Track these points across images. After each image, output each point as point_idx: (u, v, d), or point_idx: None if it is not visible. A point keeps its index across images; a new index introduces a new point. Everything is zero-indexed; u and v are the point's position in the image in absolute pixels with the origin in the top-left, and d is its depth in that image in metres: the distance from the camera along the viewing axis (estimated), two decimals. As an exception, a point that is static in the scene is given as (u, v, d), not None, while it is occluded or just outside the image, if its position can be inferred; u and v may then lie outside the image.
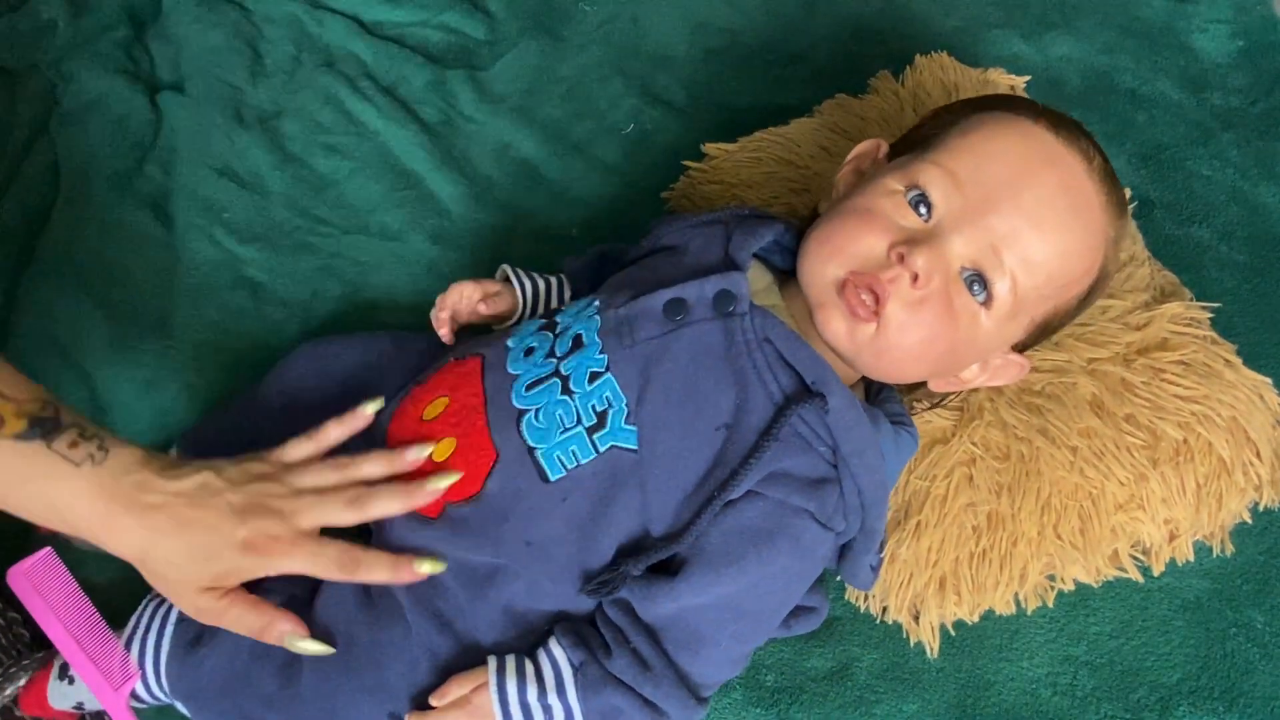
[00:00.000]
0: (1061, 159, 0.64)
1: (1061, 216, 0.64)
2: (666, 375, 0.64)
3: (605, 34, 1.11)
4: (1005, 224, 0.63)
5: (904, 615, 0.78)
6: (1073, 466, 0.77)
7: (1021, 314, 0.66)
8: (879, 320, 0.63)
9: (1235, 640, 0.80)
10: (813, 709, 0.76)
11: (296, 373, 0.77)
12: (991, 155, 0.64)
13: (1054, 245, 0.64)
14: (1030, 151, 0.64)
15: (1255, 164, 1.06)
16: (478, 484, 0.64)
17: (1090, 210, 0.65)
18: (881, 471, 0.65)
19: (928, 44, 1.03)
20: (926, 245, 0.62)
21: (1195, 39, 1.14)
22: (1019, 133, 0.65)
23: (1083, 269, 0.66)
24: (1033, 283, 0.64)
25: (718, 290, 0.66)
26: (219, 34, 1.05)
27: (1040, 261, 0.63)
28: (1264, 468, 0.80)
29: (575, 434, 0.64)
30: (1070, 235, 0.64)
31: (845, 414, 0.63)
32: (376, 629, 0.66)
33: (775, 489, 0.63)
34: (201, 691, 0.68)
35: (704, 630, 0.63)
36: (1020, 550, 0.77)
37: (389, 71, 1.06)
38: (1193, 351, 0.81)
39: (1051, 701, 0.78)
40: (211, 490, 0.59)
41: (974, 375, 0.69)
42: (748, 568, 0.62)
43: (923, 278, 0.62)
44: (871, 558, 0.69)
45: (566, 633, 0.66)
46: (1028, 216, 0.63)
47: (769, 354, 0.64)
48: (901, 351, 0.64)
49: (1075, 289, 0.67)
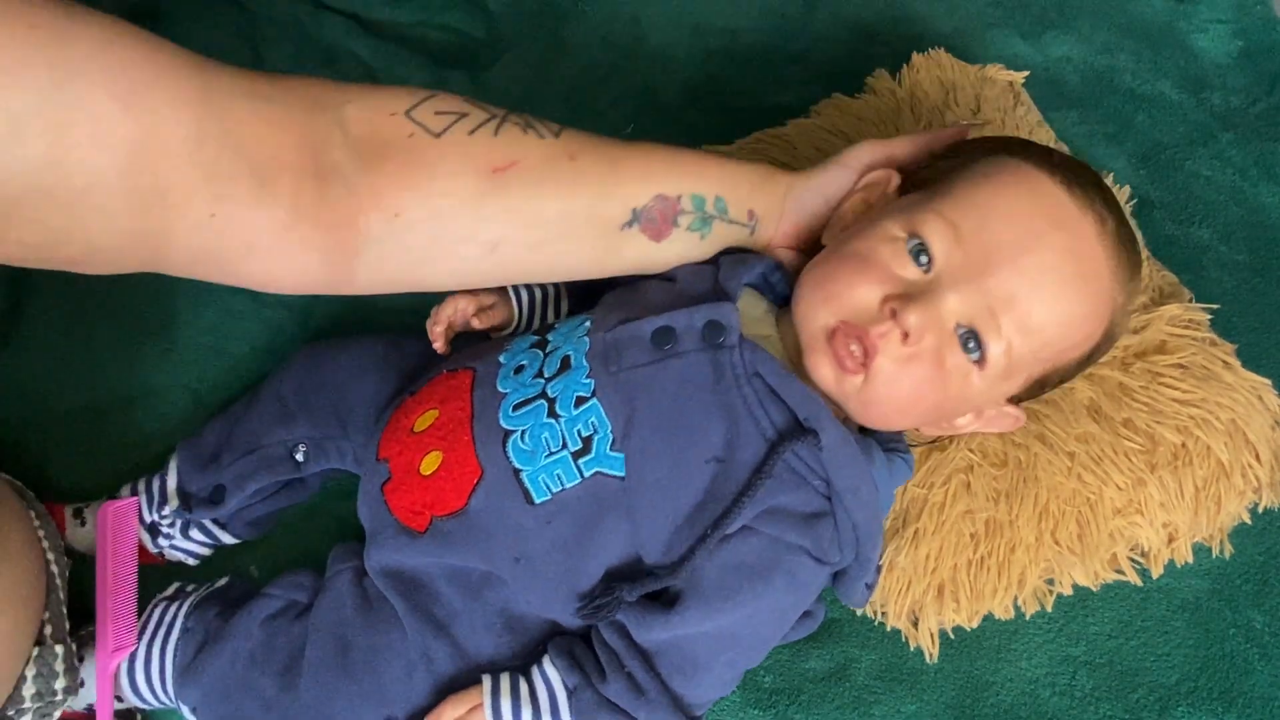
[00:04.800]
0: (1071, 222, 0.61)
1: (1065, 284, 0.61)
2: (653, 405, 0.63)
3: (605, 34, 1.11)
4: (1004, 287, 0.60)
5: (903, 621, 0.78)
6: (1070, 472, 0.77)
7: (1017, 374, 0.64)
8: (867, 373, 0.61)
9: (1234, 641, 0.81)
10: (811, 709, 0.76)
11: (293, 379, 0.77)
12: (997, 212, 0.62)
13: (1054, 313, 0.61)
14: (1039, 211, 0.61)
15: (1255, 164, 1.06)
16: (462, 500, 0.64)
17: (1098, 278, 0.62)
18: (875, 504, 0.64)
19: (927, 44, 1.03)
20: (921, 302, 0.60)
21: (1195, 39, 1.14)
22: (1029, 190, 0.62)
23: (1084, 335, 0.64)
24: (1029, 347, 0.62)
25: (706, 320, 0.64)
26: (219, 34, 1.05)
27: (1038, 328, 0.61)
28: (1263, 470, 0.80)
29: (561, 458, 0.63)
30: (1073, 304, 0.62)
31: (838, 451, 0.62)
32: (373, 634, 0.66)
33: (770, 525, 0.62)
34: (204, 695, 0.68)
35: (699, 657, 0.63)
36: (1019, 556, 0.77)
37: (389, 71, 1.06)
38: (1191, 354, 0.81)
39: (1050, 702, 0.78)
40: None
41: (967, 423, 0.68)
42: (743, 603, 0.62)
43: (914, 335, 0.60)
44: (868, 577, 0.68)
45: (561, 653, 0.66)
46: (1029, 282, 0.60)
47: (759, 388, 0.63)
48: (888, 404, 0.63)
49: (1075, 352, 0.65)
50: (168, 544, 0.77)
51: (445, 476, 0.65)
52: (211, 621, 0.70)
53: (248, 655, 0.67)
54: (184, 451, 0.77)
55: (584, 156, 0.64)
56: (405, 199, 0.59)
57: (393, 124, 0.60)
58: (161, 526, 0.77)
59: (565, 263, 0.66)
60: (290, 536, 0.81)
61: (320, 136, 0.57)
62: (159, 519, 0.76)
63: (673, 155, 0.67)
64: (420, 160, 0.59)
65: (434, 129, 0.60)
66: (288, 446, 0.75)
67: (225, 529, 0.77)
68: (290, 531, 0.81)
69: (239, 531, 0.78)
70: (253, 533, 0.79)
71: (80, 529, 0.76)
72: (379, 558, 0.68)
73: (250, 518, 0.78)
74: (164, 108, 0.51)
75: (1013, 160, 0.64)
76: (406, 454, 0.67)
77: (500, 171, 0.61)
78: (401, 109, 0.60)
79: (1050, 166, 0.63)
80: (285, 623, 0.69)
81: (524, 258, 0.64)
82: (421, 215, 0.60)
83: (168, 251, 0.54)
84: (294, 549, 0.80)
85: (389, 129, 0.59)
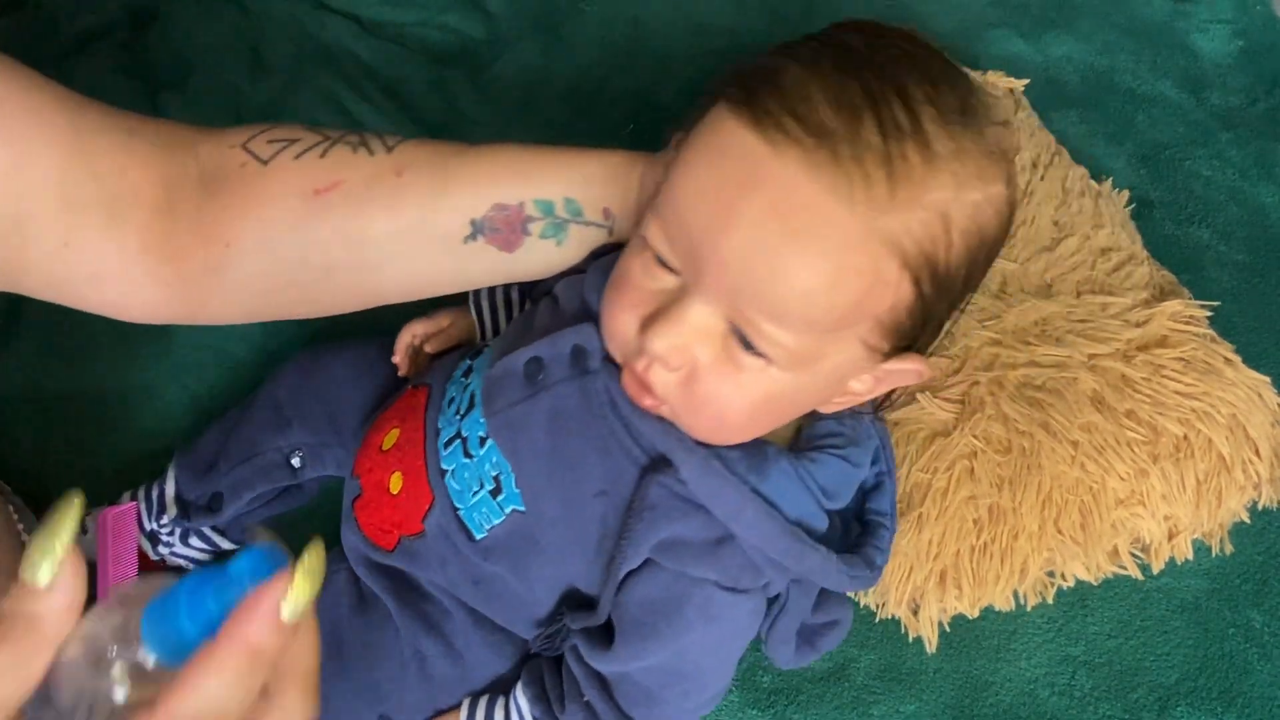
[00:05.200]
0: (767, 173, 0.46)
1: (781, 253, 0.46)
2: (532, 445, 0.59)
3: (605, 34, 1.11)
4: (723, 281, 0.48)
5: (903, 609, 0.78)
6: (1074, 461, 0.77)
7: (828, 349, 0.50)
8: (666, 402, 0.54)
9: (1234, 640, 0.80)
10: (810, 710, 0.76)
11: (288, 386, 0.77)
12: (688, 195, 0.49)
13: (792, 289, 0.47)
14: (727, 177, 0.47)
15: (1255, 164, 1.06)
16: (418, 524, 0.64)
17: (827, 223, 0.46)
18: (773, 523, 0.55)
19: (927, 44, 1.03)
20: (665, 321, 0.50)
21: (1195, 39, 1.14)
22: (717, 152, 0.48)
23: (863, 284, 0.47)
24: (799, 328, 0.48)
25: (571, 346, 0.58)
26: (219, 34, 1.05)
27: (785, 311, 0.48)
28: (1263, 466, 0.81)
29: (483, 497, 0.62)
30: (806, 270, 0.47)
31: (702, 482, 0.55)
32: (367, 631, 0.67)
33: (671, 559, 0.57)
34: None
35: (651, 689, 0.62)
36: (1021, 544, 0.77)
37: (389, 71, 1.06)
38: (1193, 349, 0.82)
39: (1050, 702, 0.78)
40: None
41: (866, 389, 0.55)
42: (664, 640, 0.58)
43: (672, 359, 0.50)
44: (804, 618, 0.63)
45: (532, 681, 0.65)
46: (741, 267, 0.47)
47: (625, 415, 0.56)
48: (709, 425, 0.54)
49: (880, 298, 0.48)
50: (168, 551, 0.77)
51: (406, 498, 0.65)
52: (210, 620, 0.70)
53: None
54: (181, 460, 0.77)
55: (413, 171, 0.61)
56: (235, 228, 0.59)
57: (231, 156, 0.60)
58: (161, 534, 0.77)
59: (414, 282, 0.64)
60: (289, 539, 0.80)
61: (176, 173, 0.59)
62: (158, 527, 0.76)
63: (518, 158, 0.63)
64: (249, 189, 0.59)
65: (263, 157, 0.60)
66: (284, 453, 0.75)
67: (224, 535, 0.77)
68: (288, 534, 0.80)
69: (238, 537, 0.78)
70: (251, 538, 0.79)
71: (82, 537, 0.76)
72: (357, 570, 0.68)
73: (249, 524, 0.78)
74: (35, 140, 0.54)
75: (715, 113, 0.49)
76: (376, 472, 0.67)
77: (323, 193, 0.60)
78: (240, 141, 0.61)
79: (747, 104, 0.47)
80: (281, 621, 0.69)
81: (365, 280, 0.63)
82: (251, 244, 0.60)
83: (22, 276, 0.57)
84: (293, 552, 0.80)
85: (227, 161, 0.60)
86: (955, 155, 0.47)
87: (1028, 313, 0.84)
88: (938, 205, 0.47)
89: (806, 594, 0.62)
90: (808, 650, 0.66)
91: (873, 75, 0.46)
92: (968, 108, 0.48)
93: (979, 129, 0.48)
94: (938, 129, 0.46)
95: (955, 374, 0.81)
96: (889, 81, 0.46)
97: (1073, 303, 0.85)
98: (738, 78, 0.49)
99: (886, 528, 0.62)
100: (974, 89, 0.49)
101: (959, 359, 0.82)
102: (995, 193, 0.49)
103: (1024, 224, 0.90)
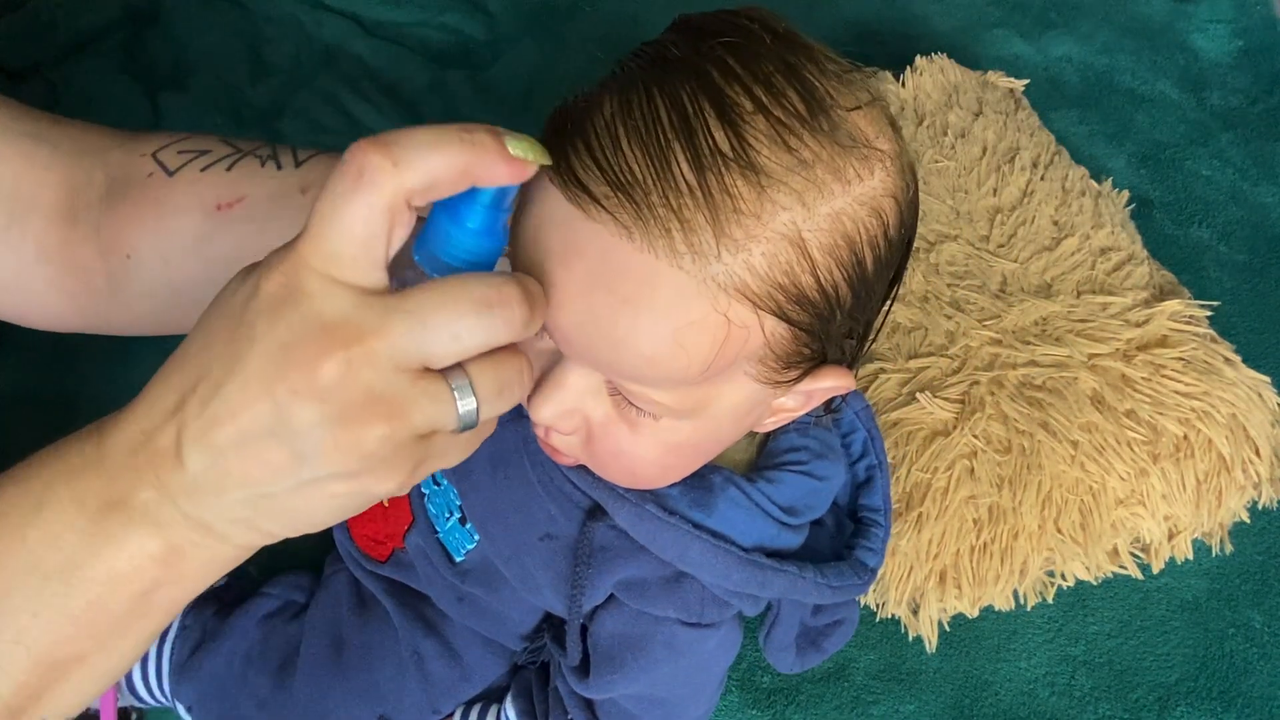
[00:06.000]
0: (584, 242, 0.41)
1: (614, 322, 0.42)
2: (475, 486, 0.58)
3: (605, 34, 1.11)
4: (574, 348, 0.44)
5: (903, 609, 0.78)
6: (1074, 461, 0.77)
7: (712, 394, 0.45)
8: (578, 460, 0.50)
9: (1233, 640, 0.80)
10: (810, 709, 0.76)
11: None
12: (525, 269, 0.43)
13: (634, 355, 0.42)
14: (552, 248, 0.42)
15: (1255, 164, 1.06)
16: (399, 540, 0.64)
17: (651, 286, 0.41)
18: (725, 557, 0.52)
19: (928, 44, 1.03)
20: (546, 388, 0.46)
21: (1195, 39, 1.14)
22: (537, 220, 0.43)
23: (712, 339, 0.42)
24: (665, 389, 0.44)
25: None
26: (219, 34, 1.05)
27: (639, 373, 0.43)
28: (1263, 465, 0.81)
29: (454, 523, 0.61)
30: (644, 335, 0.41)
31: (638, 528, 0.52)
32: (367, 632, 0.67)
33: (632, 598, 0.55)
34: (200, 693, 0.68)
35: (632, 711, 0.61)
36: (1021, 544, 0.77)
37: (389, 71, 1.06)
38: (1192, 349, 0.82)
39: (1049, 701, 0.78)
40: None
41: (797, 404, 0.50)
42: (633, 674, 0.57)
43: (560, 426, 0.47)
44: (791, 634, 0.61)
45: (520, 694, 0.66)
46: (582, 336, 0.43)
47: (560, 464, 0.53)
48: (625, 475, 0.50)
49: (749, 343, 0.43)
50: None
51: (393, 513, 0.65)
52: (209, 620, 0.70)
53: (244, 653, 0.68)
54: None
55: (317, 188, 0.57)
56: (134, 240, 0.57)
57: (138, 164, 0.58)
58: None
59: None
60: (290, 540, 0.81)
61: (82, 180, 0.57)
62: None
63: None
64: (151, 199, 0.57)
65: (170, 167, 0.57)
66: None
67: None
68: (289, 534, 0.81)
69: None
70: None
71: None
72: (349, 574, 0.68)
73: None
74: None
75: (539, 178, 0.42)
76: None
77: (225, 209, 0.57)
78: (151, 150, 0.58)
79: (557, 165, 0.41)
80: (282, 622, 0.69)
81: None
82: (151, 256, 0.57)
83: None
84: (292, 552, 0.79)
85: (134, 169, 0.58)
86: (796, 168, 0.40)
87: (1028, 312, 0.84)
88: (782, 231, 0.41)
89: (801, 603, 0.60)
90: (813, 652, 0.64)
91: (688, 93, 0.40)
92: (814, 101, 0.41)
93: (832, 124, 0.41)
94: (770, 143, 0.40)
95: (955, 374, 0.81)
96: (706, 94, 0.40)
97: (1073, 302, 0.85)
98: (552, 127, 0.43)
99: (880, 524, 0.60)
100: (824, 72, 0.42)
101: (959, 359, 0.82)
102: (867, 190, 0.42)
103: (1024, 224, 0.90)
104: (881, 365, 0.82)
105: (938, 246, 0.88)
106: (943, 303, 0.85)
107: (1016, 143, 0.96)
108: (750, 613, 0.58)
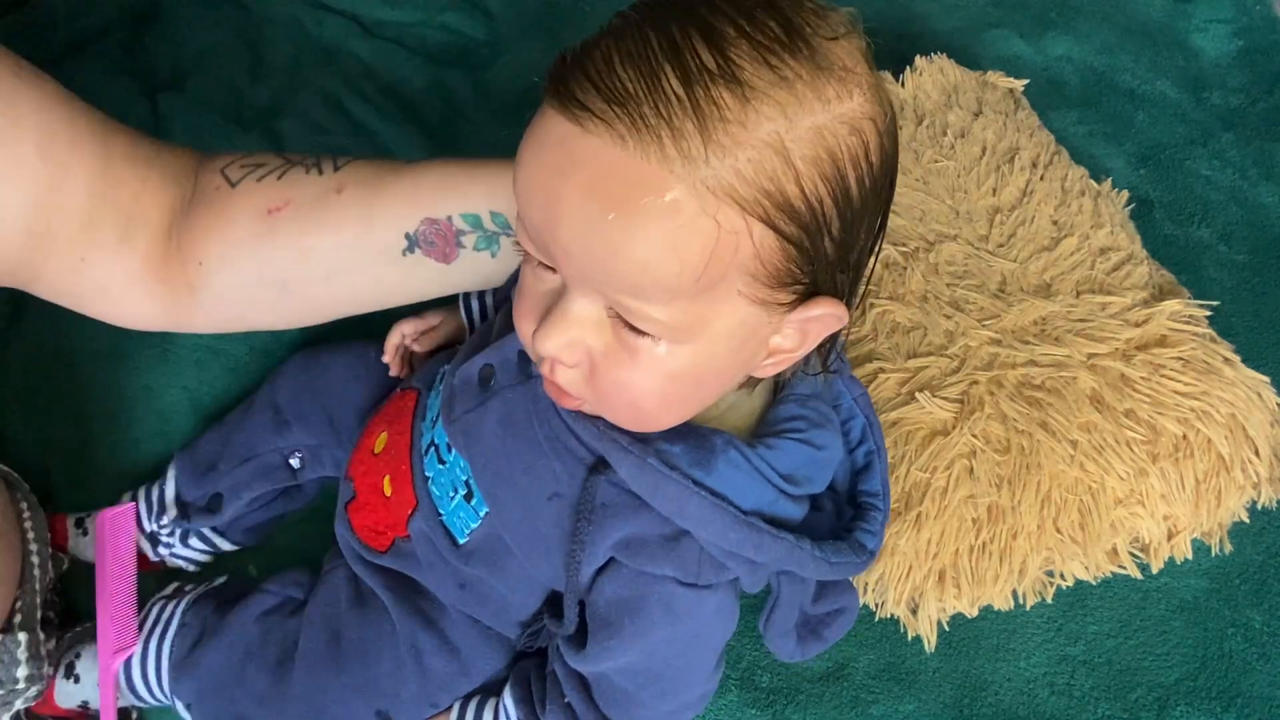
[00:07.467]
0: (580, 153, 0.45)
1: (610, 231, 0.45)
2: (486, 452, 0.60)
3: (605, 34, 1.11)
4: (572, 266, 0.47)
5: (902, 609, 0.78)
6: (1073, 460, 0.77)
7: (708, 313, 0.48)
8: (583, 399, 0.53)
9: (1233, 640, 0.80)
10: (809, 709, 0.76)
11: (287, 387, 0.77)
12: (525, 193, 0.48)
13: (632, 264, 0.45)
14: (548, 164, 0.46)
15: (1255, 164, 1.06)
16: (403, 528, 0.65)
17: (644, 190, 0.44)
18: (722, 515, 0.54)
19: (928, 44, 1.03)
20: (550, 321, 0.50)
21: (1195, 39, 1.14)
22: (538, 142, 0.47)
23: (704, 244, 0.45)
24: (661, 302, 0.47)
25: (517, 351, 0.59)
26: (219, 34, 1.05)
27: (638, 286, 0.46)
28: (1262, 465, 0.81)
29: (459, 502, 0.62)
30: (636, 241, 0.45)
31: (639, 480, 0.54)
32: (365, 627, 0.67)
33: (631, 557, 0.57)
34: (199, 690, 0.68)
35: (627, 689, 0.62)
36: (1020, 544, 0.77)
37: (389, 71, 1.06)
38: (1192, 348, 0.82)
39: (1049, 701, 0.78)
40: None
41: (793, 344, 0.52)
42: (629, 638, 0.58)
43: (563, 357, 0.50)
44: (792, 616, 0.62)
45: (518, 683, 0.66)
46: (582, 250, 0.46)
47: (565, 418, 0.56)
48: (629, 412, 0.53)
49: (740, 252, 0.46)
50: (168, 552, 0.77)
51: (395, 501, 0.65)
52: (208, 617, 0.70)
53: (243, 650, 0.68)
54: (181, 461, 0.77)
55: (351, 188, 0.66)
56: (204, 248, 0.65)
57: (210, 180, 0.66)
58: (161, 535, 0.77)
59: (362, 294, 0.69)
60: (289, 538, 0.81)
61: (178, 200, 0.65)
62: (158, 528, 0.77)
63: (446, 173, 0.66)
64: (218, 210, 0.65)
65: (233, 180, 0.66)
66: (283, 454, 0.76)
67: (224, 536, 0.78)
68: (289, 533, 0.81)
69: (237, 539, 0.78)
70: (251, 539, 0.79)
71: (83, 538, 0.76)
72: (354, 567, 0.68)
73: (248, 525, 0.78)
74: (73, 163, 0.59)
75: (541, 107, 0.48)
76: (370, 475, 0.67)
77: (275, 212, 0.65)
78: (220, 166, 0.67)
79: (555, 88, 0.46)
80: (280, 618, 0.69)
81: (319, 293, 0.68)
82: (217, 261, 0.65)
83: (35, 282, 0.63)
84: (292, 550, 0.80)
85: (207, 185, 0.66)
86: (778, 83, 0.44)
87: (1027, 312, 0.84)
88: (766, 140, 0.44)
89: (800, 585, 0.61)
90: (813, 641, 0.65)
91: (677, 23, 0.45)
92: (792, 30, 0.45)
93: (811, 49, 0.45)
94: (752, 62, 0.44)
95: (954, 373, 0.81)
96: (693, 23, 0.45)
97: (1072, 302, 0.85)
98: (555, 63, 0.47)
99: (878, 509, 0.61)
100: (801, 6, 0.46)
101: (958, 358, 0.82)
102: (846, 110, 0.46)
103: (1023, 224, 0.90)
104: (881, 365, 0.82)
105: (937, 246, 0.88)
106: (942, 302, 0.85)
107: (1016, 143, 0.96)
108: (749, 586, 0.59)
